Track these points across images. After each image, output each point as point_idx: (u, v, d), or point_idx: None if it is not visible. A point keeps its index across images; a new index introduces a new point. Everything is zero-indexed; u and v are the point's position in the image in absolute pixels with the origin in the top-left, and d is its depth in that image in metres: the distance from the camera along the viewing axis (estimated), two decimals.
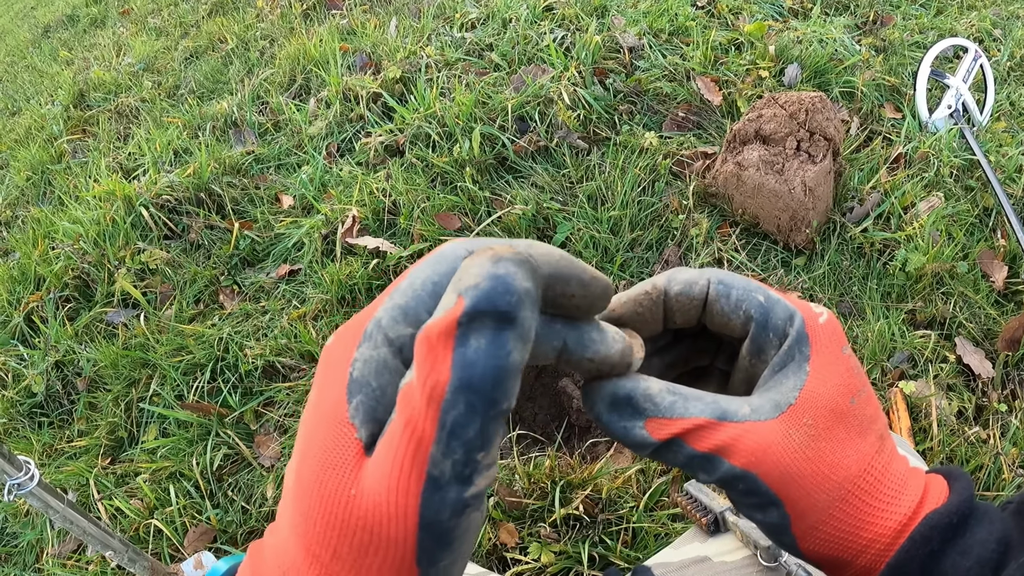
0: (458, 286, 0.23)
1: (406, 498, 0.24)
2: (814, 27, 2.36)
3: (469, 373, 0.23)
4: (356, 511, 0.25)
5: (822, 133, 1.72)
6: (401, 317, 0.27)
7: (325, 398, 0.27)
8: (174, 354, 1.75)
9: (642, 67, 2.22)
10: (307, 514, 0.26)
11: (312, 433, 0.27)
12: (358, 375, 0.26)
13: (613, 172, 1.92)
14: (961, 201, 1.85)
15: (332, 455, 0.26)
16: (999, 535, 0.33)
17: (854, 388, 0.35)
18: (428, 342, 0.23)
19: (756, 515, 0.35)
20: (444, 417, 0.23)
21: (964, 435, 1.41)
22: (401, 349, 0.27)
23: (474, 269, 0.24)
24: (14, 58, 4.05)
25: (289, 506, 0.28)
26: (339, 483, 0.26)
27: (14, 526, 1.59)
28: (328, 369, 0.28)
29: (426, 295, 0.27)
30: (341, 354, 0.27)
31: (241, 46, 3.08)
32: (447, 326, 0.23)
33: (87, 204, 2.23)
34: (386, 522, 0.25)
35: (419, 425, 0.23)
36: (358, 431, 0.26)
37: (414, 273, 0.28)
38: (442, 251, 0.28)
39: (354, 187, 2.01)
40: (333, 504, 0.25)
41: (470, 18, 2.63)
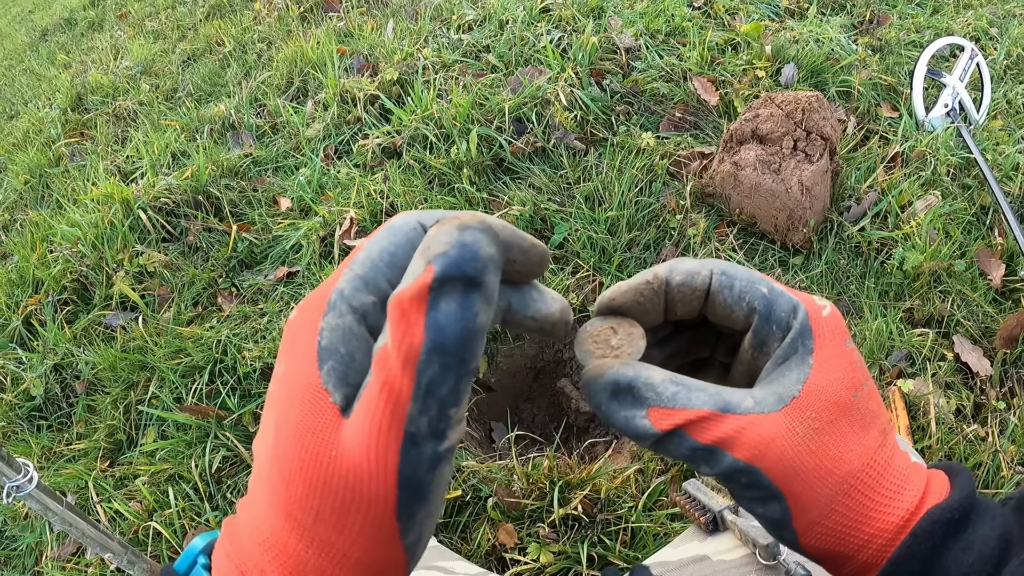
0: (427, 254, 0.25)
1: (386, 455, 0.25)
2: (810, 27, 2.36)
3: (442, 335, 0.24)
4: (338, 471, 0.26)
5: (819, 132, 1.72)
6: (362, 286, 0.28)
7: (295, 367, 0.28)
8: (172, 356, 1.75)
9: (639, 68, 2.22)
10: (288, 479, 0.27)
11: (286, 402, 0.27)
12: (327, 343, 0.27)
13: (610, 173, 1.93)
14: (958, 199, 1.86)
15: (309, 420, 0.26)
16: (1000, 531, 0.33)
17: (857, 382, 0.35)
18: (401, 307, 0.24)
19: (757, 509, 0.34)
20: (420, 377, 0.24)
21: (962, 433, 1.41)
22: (364, 316, 0.28)
23: (442, 237, 0.25)
24: (12, 62, 4.05)
25: (265, 476, 0.28)
26: (319, 445, 0.26)
27: (13, 529, 1.59)
28: (295, 340, 0.28)
29: (384, 265, 0.28)
30: (306, 325, 0.28)
31: (238, 49, 3.09)
32: (419, 291, 0.24)
33: (85, 207, 2.23)
34: (367, 479, 0.25)
35: (396, 385, 0.25)
36: (332, 395, 0.27)
37: (370, 245, 0.29)
38: (394, 223, 0.30)
39: (352, 189, 2.01)
40: (314, 466, 0.26)
41: (467, 20, 2.63)
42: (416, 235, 0.29)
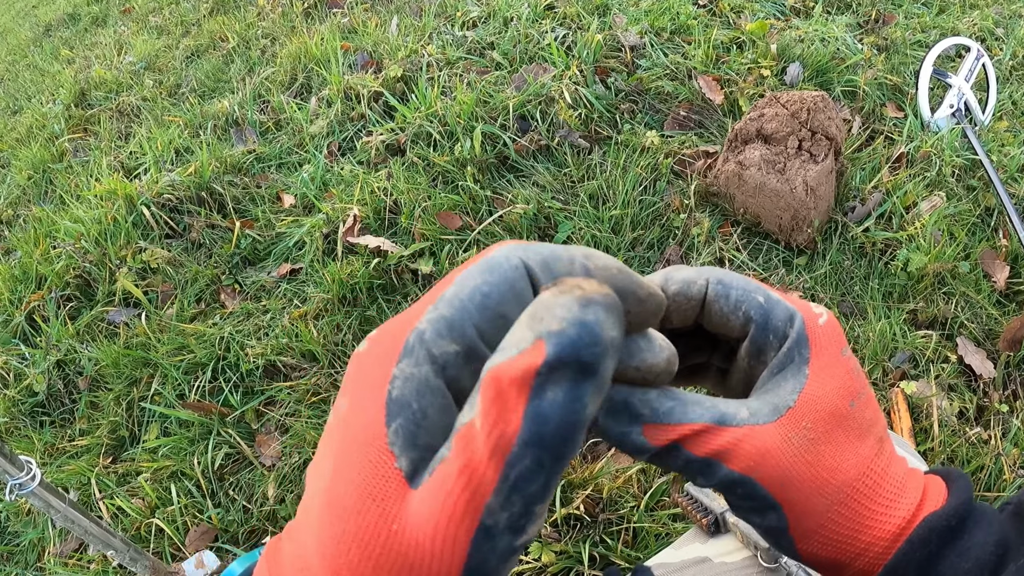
0: (538, 327, 0.22)
1: (454, 544, 0.23)
2: (816, 26, 2.36)
3: (542, 429, 0.21)
4: (397, 547, 0.23)
5: (824, 132, 1.72)
6: (447, 331, 0.25)
7: (360, 416, 0.25)
8: (175, 353, 1.75)
9: (644, 66, 2.22)
10: (340, 539, 0.25)
11: (346, 454, 0.25)
12: (398, 395, 0.24)
13: (614, 171, 1.92)
14: (963, 201, 1.85)
15: (372, 483, 0.24)
16: (997, 537, 0.33)
17: (854, 391, 0.35)
18: (498, 387, 0.22)
19: (754, 518, 0.34)
20: (508, 471, 0.22)
21: (965, 436, 1.41)
22: (444, 367, 0.25)
23: (559, 311, 0.22)
24: (15, 57, 4.05)
25: (316, 524, 0.26)
26: (380, 515, 0.24)
27: (16, 525, 1.60)
28: (362, 382, 0.25)
29: (474, 308, 0.25)
30: (377, 367, 0.25)
31: (242, 45, 3.08)
32: (524, 374, 0.21)
33: (88, 203, 2.23)
34: (429, 562, 0.23)
35: (479, 473, 0.22)
36: (398, 460, 0.24)
37: (462, 281, 0.26)
38: (494, 258, 0.26)
39: (355, 186, 2.01)
40: (372, 535, 0.24)
41: (471, 17, 2.62)
42: (518, 276, 0.25)
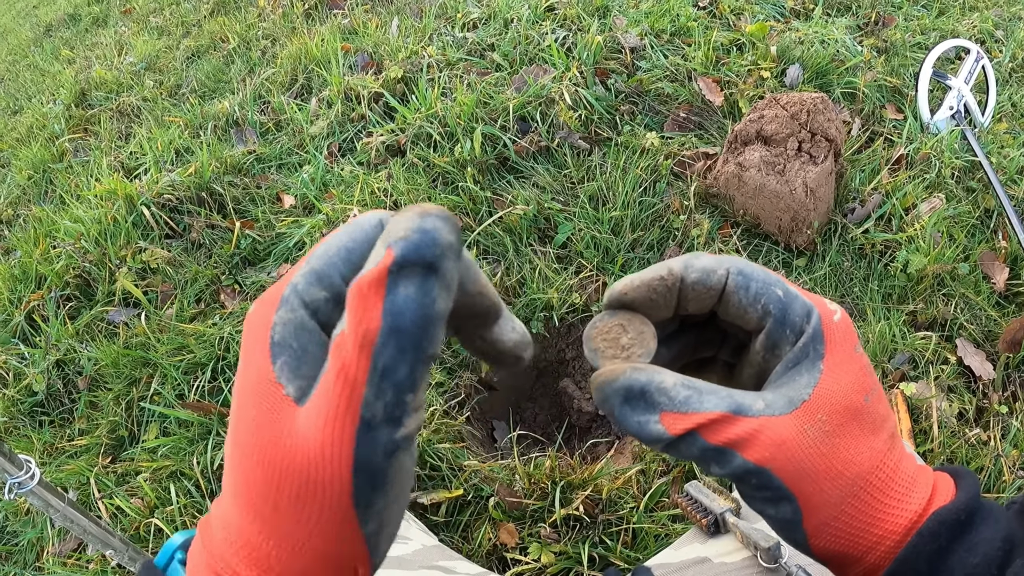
0: (387, 239, 0.25)
1: (340, 441, 0.25)
2: (816, 28, 2.36)
3: (399, 319, 0.24)
4: (292, 459, 0.26)
5: (823, 134, 1.72)
6: (316, 281, 0.28)
7: (250, 363, 0.28)
8: (175, 353, 1.75)
9: (644, 67, 2.22)
10: (247, 472, 0.27)
11: (242, 397, 0.28)
12: (279, 338, 0.27)
13: (614, 172, 1.92)
14: (962, 202, 1.85)
15: (264, 412, 0.27)
16: (1004, 534, 0.33)
17: (867, 387, 0.35)
18: (360, 292, 0.24)
19: (768, 510, 0.34)
20: (376, 360, 0.24)
21: (965, 437, 1.41)
22: (316, 312, 0.28)
23: (403, 223, 0.25)
24: (16, 57, 4.05)
25: (228, 472, 0.28)
26: (273, 435, 0.26)
27: (15, 525, 1.59)
28: (250, 336, 0.29)
29: (339, 260, 0.28)
30: (260, 320, 0.28)
31: (243, 45, 3.08)
32: (378, 276, 0.24)
33: (88, 203, 2.23)
34: (321, 465, 0.25)
35: (352, 370, 0.25)
36: (286, 388, 0.27)
37: (329, 240, 0.29)
38: (358, 219, 0.30)
39: (355, 187, 2.01)
40: (270, 456, 0.26)
41: (472, 18, 2.63)
42: (377, 232, 0.29)
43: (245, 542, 0.28)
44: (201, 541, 0.30)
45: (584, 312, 1.70)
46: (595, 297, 1.72)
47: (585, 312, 1.70)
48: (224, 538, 0.28)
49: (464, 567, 0.90)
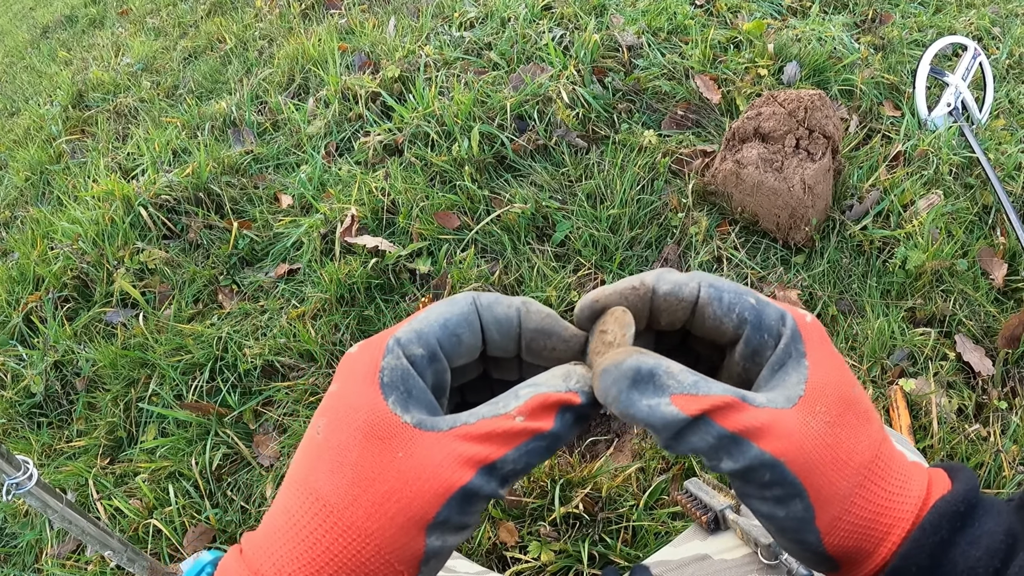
0: (570, 383, 0.34)
1: (466, 468, 0.31)
2: (813, 25, 2.36)
3: (560, 429, 0.33)
4: (398, 465, 0.31)
5: (821, 131, 1.72)
6: (416, 339, 0.34)
7: (357, 393, 0.33)
8: (173, 354, 1.75)
9: (641, 65, 2.22)
10: (336, 468, 0.32)
11: (347, 412, 0.33)
12: (388, 380, 0.33)
13: (612, 170, 1.92)
14: (960, 199, 1.85)
15: (379, 431, 0.32)
16: (1006, 527, 0.33)
17: (852, 379, 0.36)
18: (547, 403, 0.33)
19: (778, 512, 0.34)
20: (533, 443, 0.32)
21: (964, 432, 1.41)
22: (413, 363, 0.34)
23: (587, 380, 0.34)
24: (13, 59, 4.05)
25: (303, 476, 0.33)
26: (386, 444, 0.31)
27: (13, 526, 1.59)
28: (354, 371, 0.34)
29: (437, 327, 0.35)
30: (367, 362, 0.34)
31: (240, 46, 3.08)
32: (562, 401, 0.33)
33: (86, 204, 2.23)
34: (433, 481, 0.31)
35: (510, 437, 0.32)
36: (402, 417, 0.32)
37: (430, 309, 0.36)
38: (454, 297, 0.36)
39: (353, 186, 2.01)
40: (374, 457, 0.31)
41: (469, 17, 2.62)
42: (470, 309, 0.36)
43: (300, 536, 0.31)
44: (239, 550, 0.33)
45: None
46: None
47: None
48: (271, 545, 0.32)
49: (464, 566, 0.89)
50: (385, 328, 0.38)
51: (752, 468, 0.32)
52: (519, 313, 0.36)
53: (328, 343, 1.70)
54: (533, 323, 0.36)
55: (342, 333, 1.73)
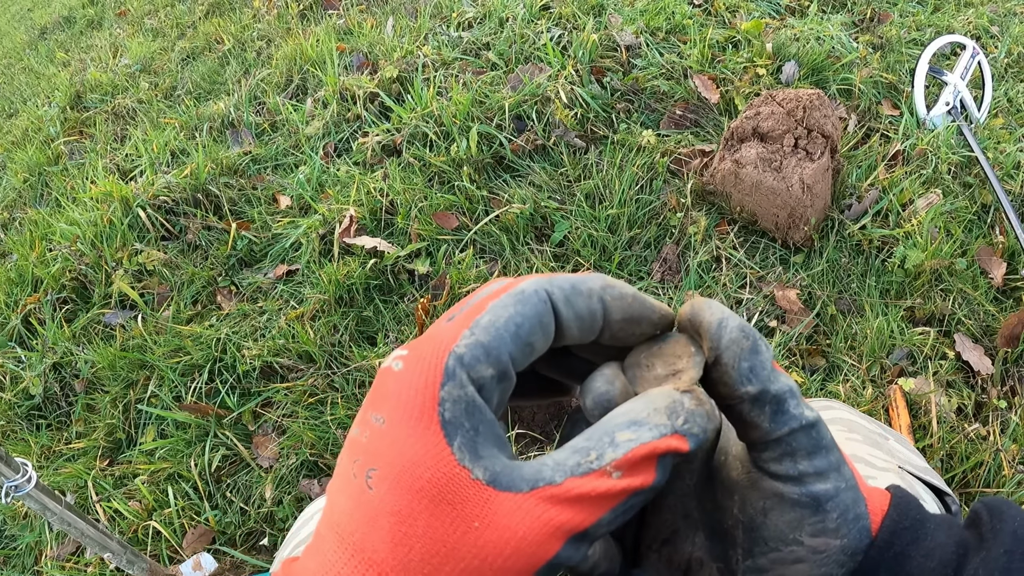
0: (679, 423, 0.28)
1: (553, 539, 0.26)
2: (811, 24, 2.36)
3: (661, 479, 0.27)
4: (477, 541, 0.25)
5: (820, 130, 1.72)
6: (484, 356, 0.27)
7: (413, 435, 0.26)
8: (172, 355, 1.74)
9: (639, 65, 2.22)
10: (401, 541, 0.26)
11: (406, 473, 0.26)
12: (451, 417, 0.26)
13: (611, 170, 1.92)
14: (959, 198, 1.85)
15: (449, 494, 0.26)
16: (957, 539, 0.32)
17: None
18: (652, 453, 0.27)
19: (836, 480, 0.31)
20: (631, 501, 0.27)
21: (964, 432, 1.41)
22: (481, 388, 0.27)
23: (699, 420, 0.28)
24: (11, 60, 4.04)
25: (354, 531, 0.26)
26: (459, 513, 0.25)
27: (13, 528, 1.59)
28: (405, 402, 0.27)
29: (509, 337, 0.28)
30: (421, 389, 0.27)
31: (238, 47, 3.08)
32: (666, 448, 0.27)
33: (84, 205, 2.23)
34: (516, 555, 0.26)
35: (604, 501, 0.27)
36: (472, 472, 0.26)
37: (496, 309, 0.28)
38: (525, 290, 0.29)
39: (351, 187, 2.01)
40: (446, 532, 0.25)
41: (467, 17, 2.62)
42: (545, 310, 0.29)
43: None
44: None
45: None
46: None
47: None
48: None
49: None
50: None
51: (822, 422, 0.31)
52: (603, 304, 0.30)
53: (327, 344, 1.70)
54: (620, 312, 0.30)
55: (341, 334, 1.72)
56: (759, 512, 0.32)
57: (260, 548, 1.45)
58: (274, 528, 1.47)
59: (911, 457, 0.71)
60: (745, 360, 0.30)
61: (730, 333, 0.30)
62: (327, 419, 1.56)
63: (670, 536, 0.38)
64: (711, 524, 0.36)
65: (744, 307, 1.67)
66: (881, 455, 0.68)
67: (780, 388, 0.30)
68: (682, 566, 0.37)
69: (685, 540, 0.37)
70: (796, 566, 0.31)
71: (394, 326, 1.74)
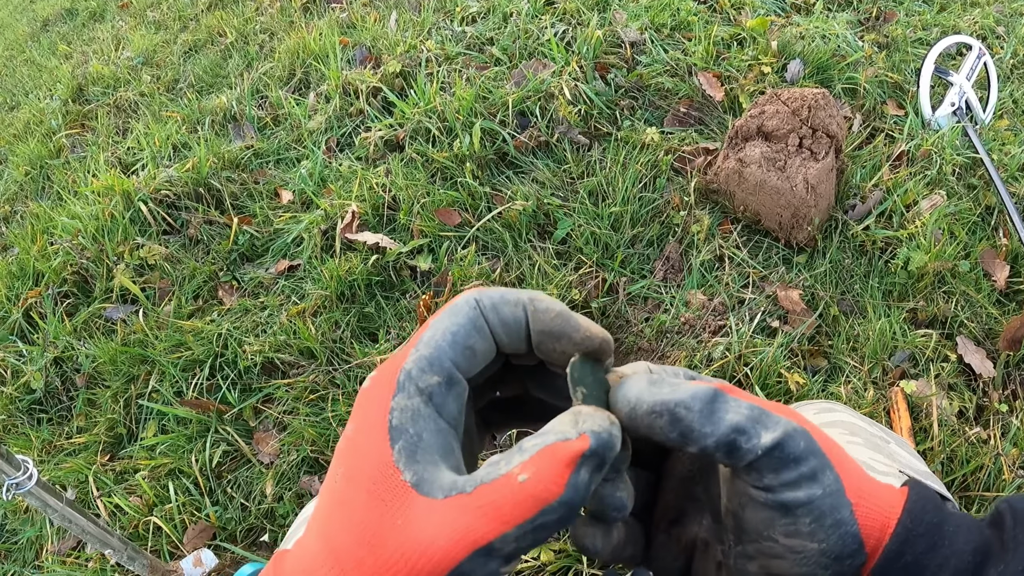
0: (581, 425, 0.29)
1: (456, 549, 0.27)
2: (816, 23, 2.35)
3: (572, 495, 0.28)
4: (398, 537, 0.28)
5: (824, 130, 1.71)
6: (428, 367, 0.31)
7: (366, 439, 0.30)
8: (173, 350, 1.74)
9: (644, 62, 2.21)
10: (344, 527, 0.29)
11: (356, 467, 0.30)
12: (396, 423, 0.30)
13: (614, 168, 1.92)
14: (963, 199, 1.84)
15: (380, 489, 0.29)
16: (975, 545, 0.32)
17: None
18: (556, 459, 0.28)
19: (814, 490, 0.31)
20: (539, 517, 0.28)
21: (965, 435, 1.40)
22: (431, 396, 0.31)
23: (599, 420, 0.29)
24: (13, 52, 4.03)
25: (323, 518, 0.31)
26: (385, 511, 0.29)
27: (14, 523, 1.59)
28: (367, 412, 0.31)
29: (446, 345, 0.32)
30: (377, 400, 0.31)
31: (240, 40, 3.07)
32: (575, 454, 0.28)
33: (86, 199, 2.22)
34: (423, 559, 0.27)
35: (513, 513, 0.27)
36: (403, 474, 0.29)
37: (435, 324, 0.32)
38: (455, 303, 0.33)
39: (354, 182, 2.00)
40: (375, 526, 0.28)
41: (470, 12, 2.61)
42: (475, 315, 0.32)
43: None
44: (272, 570, 0.32)
45: (583, 308, 1.69)
46: (594, 293, 1.71)
47: (584, 308, 1.69)
48: (297, 569, 0.30)
49: None
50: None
51: (789, 436, 0.31)
52: (526, 313, 0.33)
53: (328, 340, 1.70)
54: (541, 324, 0.32)
55: (342, 330, 1.72)
56: (738, 506, 0.34)
57: (261, 544, 1.46)
58: (275, 524, 1.47)
59: (912, 461, 0.70)
60: (671, 432, 0.31)
61: (642, 420, 0.31)
62: (328, 416, 1.56)
63: (677, 517, 0.39)
64: (714, 508, 0.37)
65: (746, 307, 1.67)
66: (882, 459, 0.68)
67: (721, 436, 0.31)
68: (688, 547, 0.39)
69: (693, 521, 0.39)
70: (776, 560, 0.33)
71: (396, 323, 1.73)
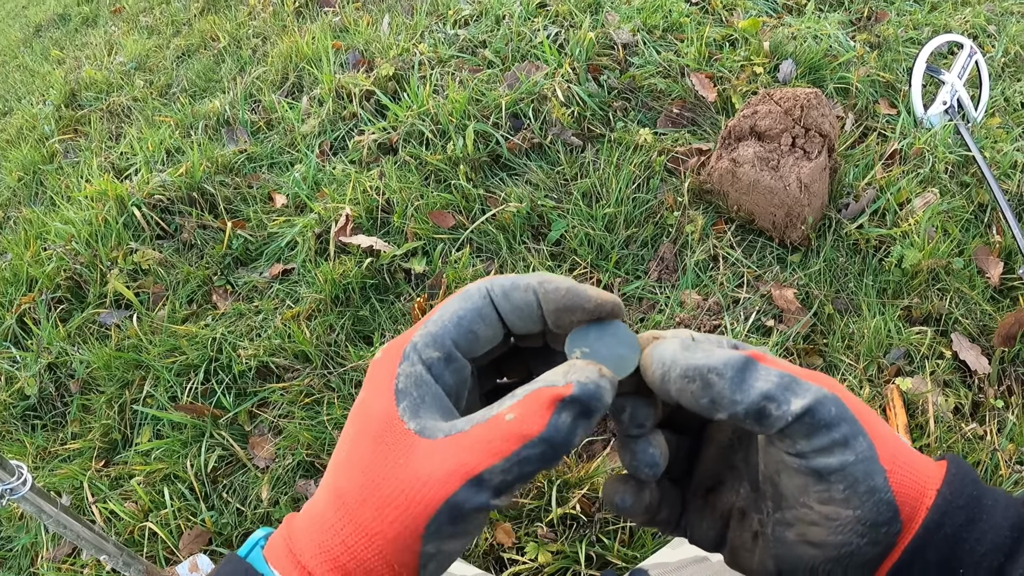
0: (571, 376, 0.31)
1: (451, 480, 0.30)
2: (808, 23, 2.36)
3: (552, 435, 0.30)
4: (399, 471, 0.31)
5: (817, 129, 1.72)
6: (431, 342, 0.34)
7: (376, 400, 0.34)
8: (167, 355, 1.74)
9: (636, 64, 2.21)
10: (351, 473, 0.33)
11: (366, 421, 0.34)
12: (402, 386, 0.33)
13: (608, 169, 1.92)
14: (956, 197, 1.85)
15: (387, 433, 0.32)
16: (1013, 521, 0.31)
17: None
18: (539, 400, 0.31)
19: (847, 455, 0.31)
20: (523, 451, 0.30)
21: (961, 431, 1.41)
22: (431, 367, 0.34)
23: (587, 372, 0.31)
24: (5, 58, 4.02)
25: (331, 474, 0.34)
26: (390, 451, 0.32)
27: (8, 530, 1.58)
28: (376, 378, 0.35)
29: (452, 326, 0.35)
30: (387, 367, 0.35)
31: (233, 44, 3.06)
32: (555, 397, 0.30)
33: (79, 204, 2.21)
34: (423, 491, 0.31)
35: (500, 447, 0.30)
36: (407, 424, 0.32)
37: (444, 307, 0.36)
38: (468, 290, 0.36)
39: (347, 185, 2.00)
40: (381, 465, 0.32)
41: (463, 15, 2.61)
42: (484, 304, 0.35)
43: (320, 521, 0.33)
44: (283, 530, 0.35)
45: None
46: None
47: None
48: (306, 524, 0.34)
49: (460, 568, 0.89)
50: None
51: (820, 403, 0.31)
52: (537, 296, 0.35)
53: (323, 344, 1.69)
54: (554, 303, 0.34)
55: (337, 334, 1.72)
56: (774, 472, 0.35)
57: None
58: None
59: None
60: (703, 398, 0.32)
61: (674, 383, 0.32)
62: (323, 419, 1.56)
63: (715, 485, 0.40)
64: (752, 477, 0.38)
65: (741, 306, 1.67)
66: None
67: (751, 403, 0.31)
68: (724, 515, 0.40)
69: (730, 490, 0.40)
70: (813, 528, 0.33)
71: (390, 325, 1.73)
